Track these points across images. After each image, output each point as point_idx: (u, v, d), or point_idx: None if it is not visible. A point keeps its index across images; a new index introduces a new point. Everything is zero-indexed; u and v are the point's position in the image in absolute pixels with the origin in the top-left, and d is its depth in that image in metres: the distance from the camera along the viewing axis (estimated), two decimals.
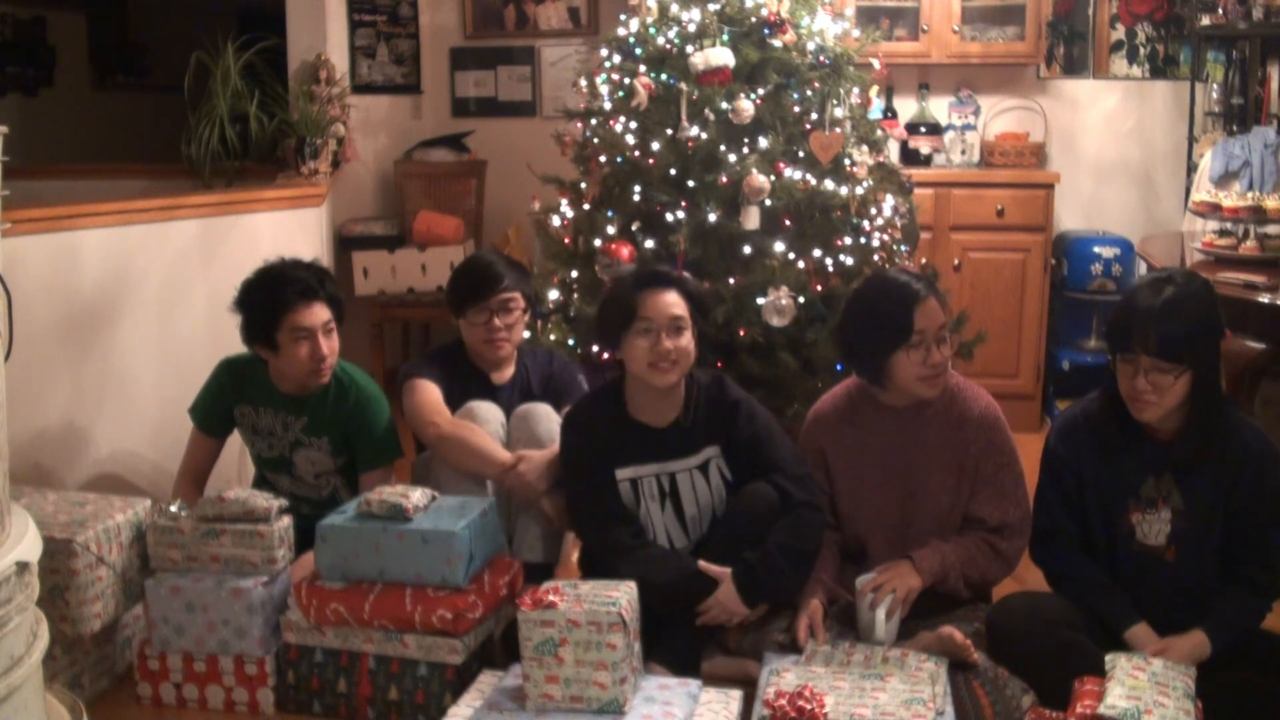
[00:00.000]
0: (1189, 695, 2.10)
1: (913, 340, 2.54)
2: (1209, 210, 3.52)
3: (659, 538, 2.64)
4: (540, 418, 2.85)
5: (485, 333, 2.94)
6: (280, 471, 2.98)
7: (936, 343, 2.56)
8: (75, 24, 7.06)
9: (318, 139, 4.33)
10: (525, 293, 2.99)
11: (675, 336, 2.55)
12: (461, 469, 2.80)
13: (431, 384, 2.92)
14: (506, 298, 2.93)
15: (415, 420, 2.89)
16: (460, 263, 3.16)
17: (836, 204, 3.21)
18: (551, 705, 2.24)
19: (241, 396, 2.97)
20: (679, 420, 2.64)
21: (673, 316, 2.56)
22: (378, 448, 2.96)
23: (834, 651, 2.45)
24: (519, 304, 2.96)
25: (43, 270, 3.02)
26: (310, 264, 2.94)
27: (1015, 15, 4.63)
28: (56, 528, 2.49)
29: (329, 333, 2.87)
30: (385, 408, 2.99)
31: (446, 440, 2.81)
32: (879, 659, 2.41)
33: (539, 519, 2.79)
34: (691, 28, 3.27)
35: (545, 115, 5.22)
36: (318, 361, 2.84)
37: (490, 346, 2.95)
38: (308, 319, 2.82)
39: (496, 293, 2.92)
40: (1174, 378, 2.24)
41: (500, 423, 2.88)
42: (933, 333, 2.55)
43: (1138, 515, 2.39)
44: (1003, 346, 4.49)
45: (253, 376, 2.96)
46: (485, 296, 2.92)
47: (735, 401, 2.66)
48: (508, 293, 2.93)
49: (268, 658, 2.55)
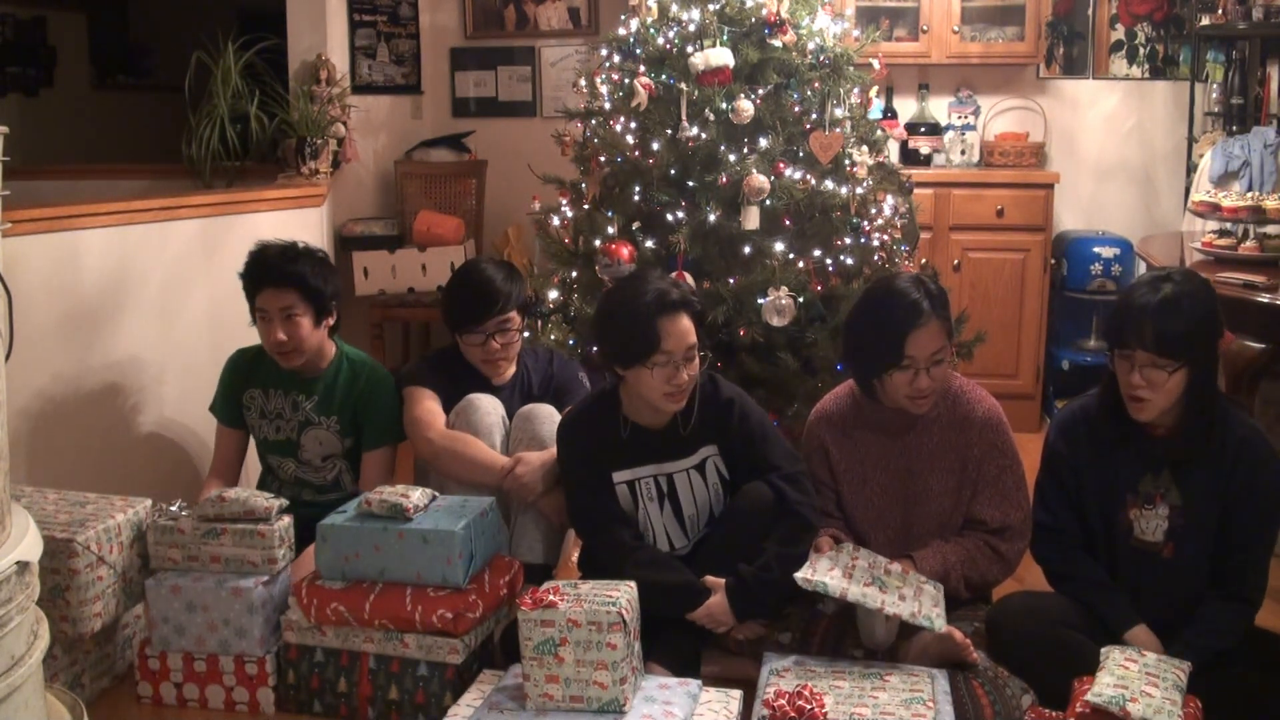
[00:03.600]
0: (1179, 687, 2.11)
1: (903, 364, 2.53)
2: (1209, 210, 3.52)
3: (658, 539, 2.64)
4: (543, 418, 2.85)
5: (482, 354, 2.93)
6: (286, 454, 3.01)
7: (928, 367, 2.52)
8: (75, 24, 7.06)
9: (318, 139, 4.33)
10: (522, 304, 2.95)
11: (690, 365, 2.54)
12: (459, 480, 2.80)
13: (430, 393, 2.92)
14: (503, 319, 2.90)
15: (411, 433, 2.90)
16: (454, 275, 3.08)
17: (836, 204, 3.21)
18: (551, 705, 2.24)
19: (250, 381, 3.03)
20: (675, 422, 2.64)
21: (689, 346, 2.53)
22: (384, 428, 2.98)
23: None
24: (515, 322, 2.93)
25: (43, 270, 3.03)
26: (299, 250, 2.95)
27: (1015, 15, 4.63)
28: (57, 527, 2.49)
29: (288, 319, 2.89)
30: (392, 388, 3.03)
31: (441, 455, 2.81)
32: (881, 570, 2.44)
33: (538, 520, 2.79)
34: (691, 28, 3.27)
35: (545, 115, 5.23)
36: (275, 345, 2.90)
37: (488, 366, 2.95)
38: (268, 300, 2.89)
39: (493, 316, 2.89)
40: (1169, 374, 2.25)
41: (500, 415, 2.88)
42: (925, 359, 2.51)
43: (1136, 511, 2.40)
44: (1002, 346, 4.50)
45: (262, 360, 3.03)
46: (481, 320, 2.89)
47: (729, 400, 2.66)
48: (504, 314, 2.89)
49: (268, 657, 2.55)
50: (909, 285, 2.57)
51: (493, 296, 2.89)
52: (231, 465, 3.09)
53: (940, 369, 2.55)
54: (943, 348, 2.54)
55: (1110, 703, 2.04)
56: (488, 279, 2.93)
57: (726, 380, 2.73)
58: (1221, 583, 2.36)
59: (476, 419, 2.85)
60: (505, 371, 2.99)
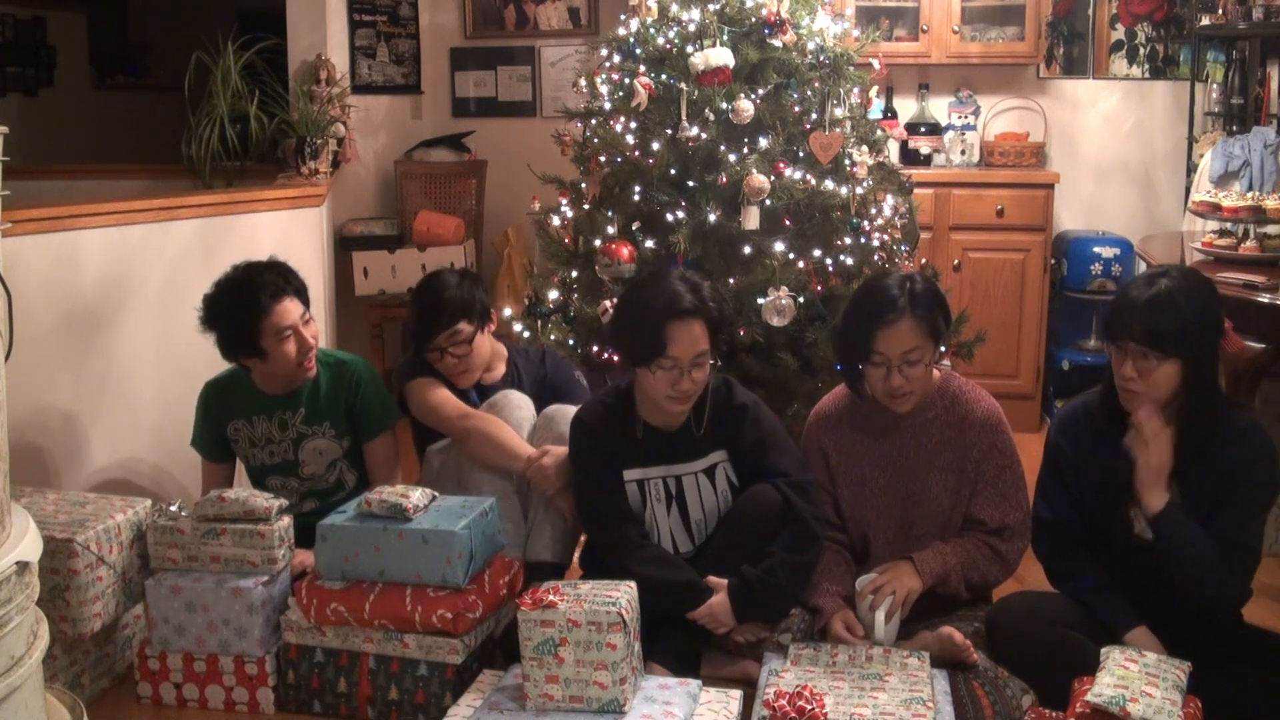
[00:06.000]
0: (1179, 687, 2.11)
1: (874, 360, 2.52)
2: (1209, 210, 3.52)
3: (663, 540, 2.64)
4: (568, 418, 2.83)
5: (445, 368, 2.93)
6: (288, 474, 2.98)
7: (900, 367, 2.50)
8: (75, 24, 7.06)
9: (318, 139, 4.33)
10: (473, 312, 2.90)
11: (696, 371, 2.53)
12: (485, 463, 2.81)
13: (437, 380, 2.93)
14: (450, 333, 2.88)
15: (436, 417, 2.90)
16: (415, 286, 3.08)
17: (836, 204, 3.21)
18: (551, 705, 2.24)
19: (230, 413, 2.97)
20: (689, 424, 2.64)
21: (697, 353, 2.52)
22: (381, 414, 2.99)
23: (817, 654, 2.44)
24: (465, 333, 2.89)
25: (43, 270, 3.02)
26: (268, 263, 2.92)
27: (1015, 15, 4.63)
28: (57, 528, 2.49)
29: (307, 323, 2.89)
30: (378, 374, 3.05)
31: (475, 435, 2.82)
32: (863, 657, 2.41)
33: (555, 519, 2.79)
34: (691, 28, 3.27)
35: (545, 115, 5.23)
36: (305, 354, 2.87)
37: (454, 378, 2.95)
38: (286, 317, 2.83)
39: (439, 330, 2.88)
40: (1157, 362, 2.25)
41: (531, 412, 2.90)
42: (896, 357, 2.49)
43: (1135, 509, 2.40)
44: (1002, 346, 4.50)
45: (236, 390, 2.96)
46: (431, 336, 2.89)
47: (742, 405, 2.65)
48: (449, 327, 2.87)
49: (268, 657, 2.55)
50: (892, 282, 2.55)
51: (437, 312, 2.88)
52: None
53: (916, 370, 2.51)
54: (917, 348, 2.50)
55: (1110, 703, 2.04)
56: (434, 291, 2.92)
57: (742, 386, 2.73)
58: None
59: (509, 413, 2.86)
60: (470, 380, 2.97)
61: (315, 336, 2.91)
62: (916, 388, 2.55)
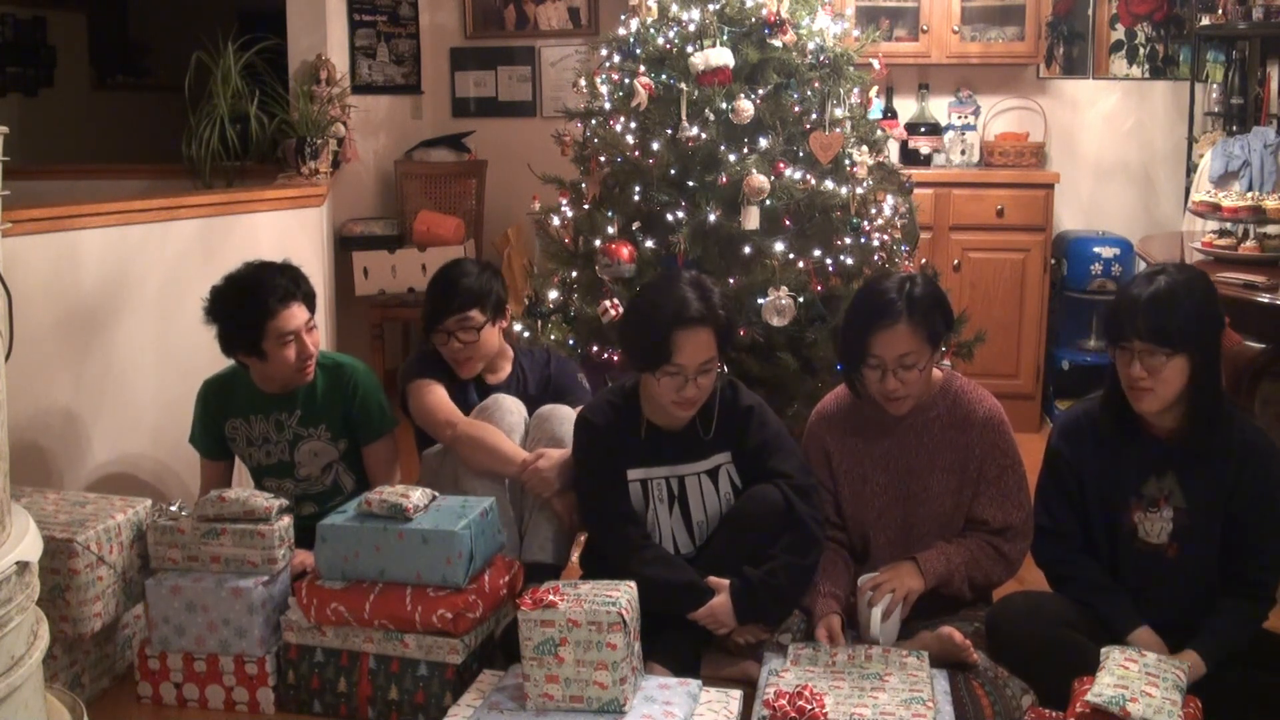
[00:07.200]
0: (1179, 688, 2.11)
1: (869, 362, 2.53)
2: (1209, 210, 3.52)
3: (664, 541, 2.64)
4: (562, 419, 2.84)
5: (449, 352, 2.93)
6: (283, 476, 2.97)
7: (895, 370, 2.50)
8: (75, 24, 7.06)
9: (318, 139, 4.33)
10: (487, 302, 2.90)
11: (702, 379, 2.53)
12: (478, 469, 2.80)
13: (438, 384, 2.92)
14: (461, 318, 2.88)
15: (428, 421, 2.89)
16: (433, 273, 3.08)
17: (836, 204, 3.21)
18: (551, 705, 2.24)
19: (228, 411, 2.97)
20: (695, 425, 2.64)
21: (703, 362, 2.51)
22: (379, 417, 2.98)
23: (817, 654, 2.44)
24: (475, 321, 2.88)
25: (43, 270, 3.02)
26: (281, 265, 2.91)
27: (1015, 15, 4.63)
28: (57, 527, 2.49)
29: (311, 330, 2.88)
30: (376, 378, 3.04)
31: (463, 441, 2.81)
32: (863, 657, 2.41)
33: (551, 520, 2.79)
34: (691, 28, 3.27)
35: (545, 115, 5.23)
36: (304, 360, 2.86)
37: (456, 366, 2.95)
38: (291, 322, 2.82)
39: (451, 314, 2.87)
40: (1166, 359, 2.24)
41: (523, 415, 2.88)
42: (891, 360, 2.49)
43: (1140, 514, 2.40)
44: (1002, 346, 4.49)
45: (235, 388, 2.96)
46: (440, 319, 2.89)
47: (748, 408, 2.65)
48: (461, 312, 2.87)
49: (268, 657, 2.55)
50: (891, 285, 2.54)
51: (449, 295, 2.88)
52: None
53: (912, 374, 2.51)
54: (912, 352, 2.49)
55: (1110, 703, 2.04)
56: (451, 278, 2.92)
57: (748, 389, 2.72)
58: (1235, 583, 2.35)
59: (499, 417, 2.85)
60: (473, 370, 2.97)
61: (316, 344, 2.90)
62: (912, 391, 2.55)
